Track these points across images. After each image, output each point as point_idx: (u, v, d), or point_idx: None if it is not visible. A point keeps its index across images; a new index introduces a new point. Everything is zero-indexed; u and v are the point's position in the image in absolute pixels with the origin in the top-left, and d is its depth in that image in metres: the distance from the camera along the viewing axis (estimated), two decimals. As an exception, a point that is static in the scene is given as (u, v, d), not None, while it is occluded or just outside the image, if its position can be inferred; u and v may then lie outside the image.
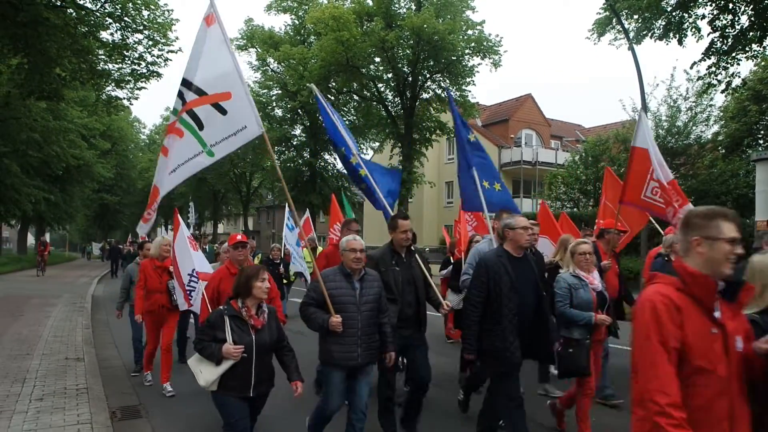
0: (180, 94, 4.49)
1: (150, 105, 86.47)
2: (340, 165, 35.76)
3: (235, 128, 4.46)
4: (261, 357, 3.74)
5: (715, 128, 22.78)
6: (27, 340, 8.86)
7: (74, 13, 15.52)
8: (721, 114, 22.65)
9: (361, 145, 33.14)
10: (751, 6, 13.84)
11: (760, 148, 19.68)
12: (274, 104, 31.94)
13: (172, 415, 5.62)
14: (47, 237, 35.60)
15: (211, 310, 4.54)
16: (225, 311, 3.70)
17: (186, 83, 4.42)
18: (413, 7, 23.70)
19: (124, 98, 19.61)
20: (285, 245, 12.36)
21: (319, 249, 10.87)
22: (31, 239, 43.76)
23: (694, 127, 22.12)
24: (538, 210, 9.73)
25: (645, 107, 14.81)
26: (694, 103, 21.90)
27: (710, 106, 22.03)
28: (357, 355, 4.10)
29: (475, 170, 6.06)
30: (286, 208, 13.54)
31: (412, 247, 5.02)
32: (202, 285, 5.61)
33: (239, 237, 5.32)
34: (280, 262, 11.35)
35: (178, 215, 6.71)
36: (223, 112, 4.43)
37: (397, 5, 24.00)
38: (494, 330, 4.18)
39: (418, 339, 4.84)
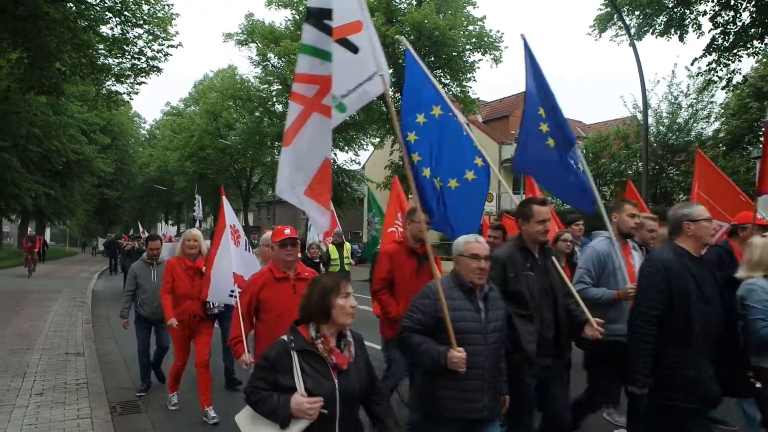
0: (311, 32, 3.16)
1: (150, 100, 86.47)
2: (340, 160, 35.82)
3: (368, 72, 3.28)
4: (347, 410, 2.51)
5: (716, 125, 22.76)
6: (27, 335, 8.87)
7: (74, 7, 15.48)
8: (722, 111, 22.62)
9: (362, 141, 33.16)
10: (753, 2, 13.81)
11: (760, 146, 19.64)
12: (275, 99, 31.89)
13: (171, 410, 5.63)
14: (47, 232, 35.70)
15: (244, 329, 3.89)
16: (291, 344, 2.45)
17: (314, 14, 3.10)
18: (414, 3, 23.64)
19: (124, 93, 19.55)
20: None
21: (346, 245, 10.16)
22: (31, 232, 43.73)
23: (695, 124, 22.10)
24: None
25: (646, 104, 14.79)
26: (695, 100, 21.88)
27: (711, 102, 22.02)
28: (482, 406, 3.01)
29: (574, 156, 4.41)
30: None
31: (547, 245, 3.81)
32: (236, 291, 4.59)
33: (287, 231, 3.94)
34: (320, 262, 9.86)
35: (225, 198, 5.49)
36: (354, 50, 3.22)
37: (397, 0, 23.94)
38: (681, 355, 3.20)
39: (557, 370, 3.70)
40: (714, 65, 14.97)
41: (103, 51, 17.50)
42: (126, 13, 16.68)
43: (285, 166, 3.15)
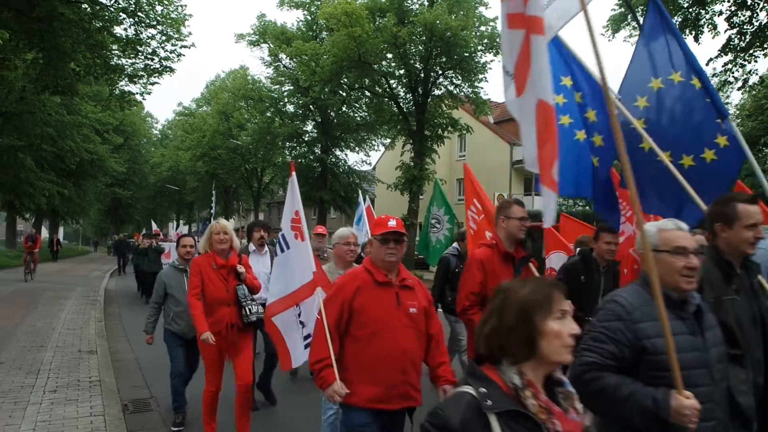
0: None
1: (162, 100, 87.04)
2: (351, 161, 35.83)
3: None
4: None
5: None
6: (41, 333, 8.95)
7: (89, 9, 15.62)
8: (738, 112, 22.34)
9: (373, 142, 33.15)
10: (770, 2, 13.64)
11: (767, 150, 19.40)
12: (286, 100, 32.02)
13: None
14: (60, 231, 36.06)
15: (332, 348, 2.87)
16: (486, 400, 1.45)
17: None
18: (426, 3, 23.60)
19: (137, 93, 19.70)
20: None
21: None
22: (44, 233, 44.23)
23: (709, 125, 21.82)
24: None
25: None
26: (710, 101, 21.62)
27: (727, 104, 21.75)
28: None
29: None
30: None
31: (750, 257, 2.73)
32: (315, 300, 3.54)
33: (392, 222, 3.02)
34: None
35: (294, 177, 4.18)
36: None
37: (409, 1, 23.92)
38: None
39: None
40: (730, 66, 14.80)
41: (116, 51, 17.65)
42: (140, 14, 16.81)
43: (530, 130, 2.37)
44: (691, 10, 14.95)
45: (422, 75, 24.01)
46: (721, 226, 2.67)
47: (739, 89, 15.97)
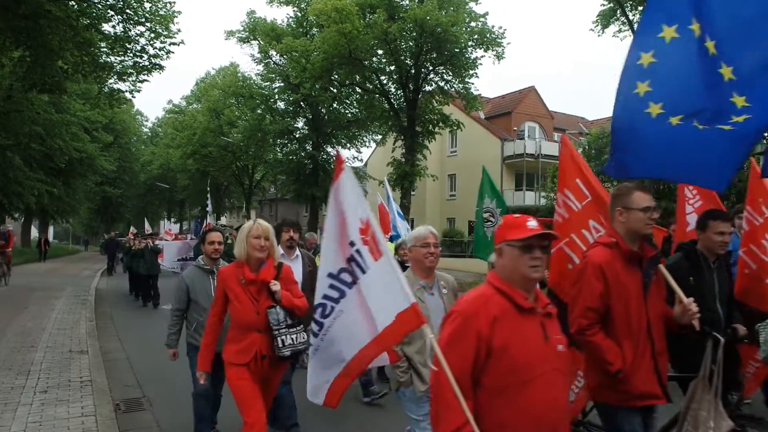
0: None
1: (152, 98, 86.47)
2: (343, 157, 35.92)
3: None
4: None
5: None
6: (31, 333, 8.90)
7: (76, 6, 15.48)
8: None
9: (364, 138, 33.13)
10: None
11: (765, 141, 19.59)
12: (277, 97, 31.91)
13: (175, 407, 5.63)
14: (50, 230, 35.82)
15: (466, 406, 2.02)
16: None
17: None
18: (416, -1, 23.59)
19: (127, 91, 19.56)
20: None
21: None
22: (34, 232, 43.90)
23: (698, 120, 22.02)
24: None
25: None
26: (698, 96, 21.80)
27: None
28: None
29: None
30: (387, 187, 10.98)
31: None
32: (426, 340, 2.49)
33: (531, 224, 2.19)
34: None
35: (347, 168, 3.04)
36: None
37: (399, -3, 23.87)
38: None
39: None
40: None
41: (105, 49, 17.51)
42: (128, 11, 16.68)
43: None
44: None
45: (413, 71, 23.99)
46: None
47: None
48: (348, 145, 33.31)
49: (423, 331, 2.47)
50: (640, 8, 15.61)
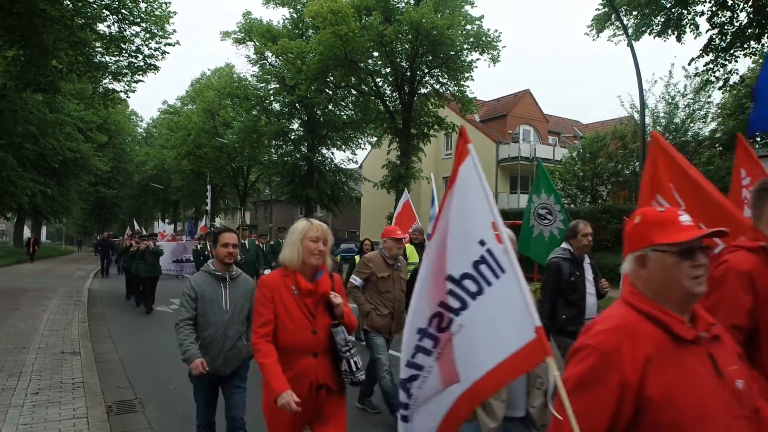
0: None
1: (147, 98, 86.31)
2: (338, 159, 35.84)
3: None
4: None
5: (713, 125, 22.83)
6: (23, 334, 8.84)
7: (71, 5, 15.41)
8: (719, 111, 22.68)
9: (359, 140, 33.15)
10: (750, 3, 13.84)
11: (756, 146, 19.73)
12: (272, 98, 31.86)
13: (167, 409, 5.62)
14: (43, 230, 35.57)
15: None
16: None
17: None
18: (412, 2, 23.61)
19: (121, 91, 19.48)
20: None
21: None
22: (27, 232, 43.64)
23: (691, 124, 22.15)
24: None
25: (643, 104, 14.81)
26: (692, 100, 21.94)
27: (708, 103, 22.07)
28: None
29: None
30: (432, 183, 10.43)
31: None
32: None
33: (685, 218, 1.68)
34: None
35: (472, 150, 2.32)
36: None
37: (395, -1, 23.92)
38: None
39: None
40: (711, 65, 15.00)
41: (100, 49, 17.45)
42: (123, 11, 16.63)
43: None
44: (673, 10, 15.12)
45: (408, 73, 24.03)
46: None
47: (720, 89, 16.18)
48: (343, 147, 33.31)
49: (548, 365, 1.81)
50: (635, 13, 15.69)
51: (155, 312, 12.49)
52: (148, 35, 17.59)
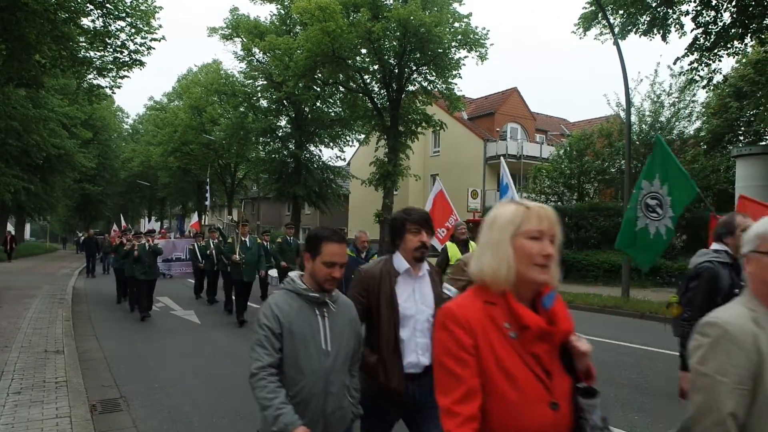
0: None
1: (133, 94, 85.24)
2: (326, 157, 35.73)
3: None
4: None
5: (698, 124, 23.12)
6: (5, 333, 8.72)
7: (54, -1, 15.20)
8: (703, 110, 22.96)
9: (347, 137, 33.10)
10: (734, 3, 14.01)
11: (740, 144, 20.00)
12: (260, 95, 31.71)
13: (152, 407, 5.57)
14: (27, 228, 35.07)
15: None
16: None
17: None
18: (400, -1, 23.60)
19: (107, 87, 19.25)
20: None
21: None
22: (12, 230, 43.07)
23: (677, 123, 22.41)
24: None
25: (629, 102, 14.94)
26: (677, 99, 22.18)
27: (693, 102, 22.34)
28: None
29: None
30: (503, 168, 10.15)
31: None
32: None
33: None
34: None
35: None
36: None
37: (383, -4, 23.87)
38: None
39: None
40: (696, 65, 15.18)
41: (84, 44, 17.21)
42: (108, 5, 16.41)
43: None
44: (659, 9, 15.26)
45: (396, 71, 24.01)
46: None
47: (704, 87, 16.38)
48: (331, 144, 33.25)
49: None
50: (621, 12, 15.82)
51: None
52: (133, 30, 17.38)
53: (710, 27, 14.65)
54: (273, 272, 13.79)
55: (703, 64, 15.08)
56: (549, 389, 1.56)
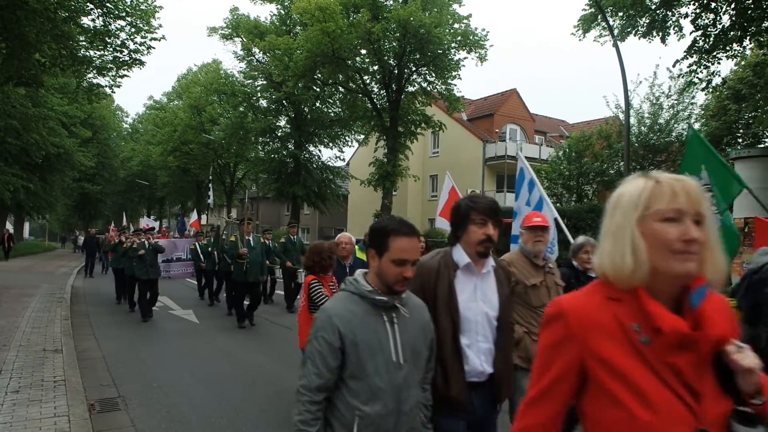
0: None
1: (133, 94, 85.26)
2: (325, 157, 35.69)
3: None
4: None
5: (697, 126, 23.14)
6: (4, 331, 8.72)
7: (54, -2, 15.21)
8: (702, 112, 23.01)
9: (346, 138, 33.12)
10: (733, 6, 14.04)
11: (738, 147, 20.03)
12: (259, 95, 31.73)
13: (151, 406, 5.59)
14: (26, 227, 34.99)
15: None
16: None
17: None
18: (400, 0, 23.62)
19: (106, 86, 19.24)
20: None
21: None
22: (10, 228, 43.02)
23: (675, 125, 22.45)
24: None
25: (628, 104, 14.97)
26: (676, 101, 22.22)
27: (692, 104, 22.39)
28: None
29: None
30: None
31: None
32: None
33: None
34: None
35: None
36: None
37: (383, -3, 23.90)
38: None
39: None
40: (695, 67, 15.21)
41: (84, 43, 17.21)
42: (108, 4, 16.41)
43: None
44: (658, 12, 15.29)
45: (396, 71, 24.03)
46: None
47: (702, 90, 16.41)
48: (330, 144, 33.27)
49: None
50: (620, 14, 15.84)
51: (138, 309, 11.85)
52: (133, 30, 17.39)
53: (709, 29, 14.67)
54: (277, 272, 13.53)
55: (702, 67, 15.11)
56: (694, 412, 1.22)
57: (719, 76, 15.67)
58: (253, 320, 10.47)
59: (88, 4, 16.24)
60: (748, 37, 14.25)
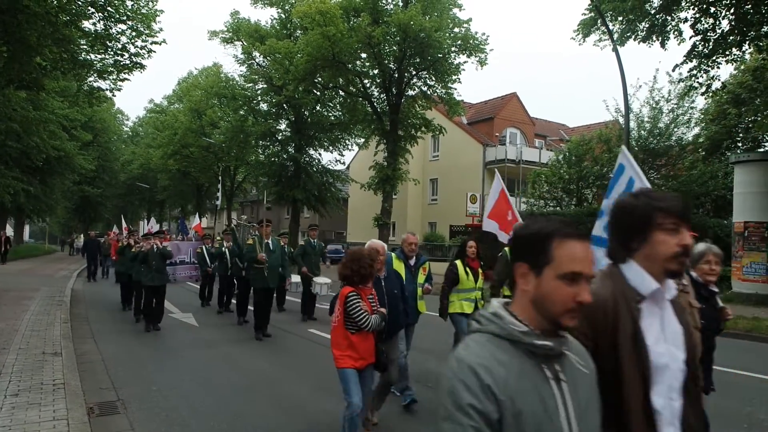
0: None
1: (134, 97, 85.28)
2: (325, 160, 35.74)
3: None
4: None
5: (696, 130, 23.20)
6: (3, 334, 8.71)
7: (55, 1, 15.23)
8: (702, 116, 23.03)
9: (346, 141, 33.17)
10: (732, 11, 14.07)
11: (738, 151, 20.04)
12: (260, 98, 31.79)
13: (150, 410, 5.58)
14: (26, 230, 34.94)
15: None
16: None
17: None
18: (400, 4, 23.67)
19: (107, 89, 19.27)
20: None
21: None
22: (10, 231, 43.02)
23: (675, 129, 22.48)
24: None
25: (628, 108, 14.99)
26: (675, 105, 22.25)
27: (691, 108, 22.42)
28: None
29: None
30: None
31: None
32: None
33: None
34: None
35: None
36: None
37: (384, 1, 23.95)
38: None
39: None
40: (694, 71, 15.23)
41: (85, 46, 17.25)
42: (109, 8, 16.45)
43: None
44: (657, 16, 15.32)
45: (396, 75, 24.08)
46: None
47: (702, 94, 16.43)
48: (330, 147, 33.31)
49: None
50: (620, 18, 15.88)
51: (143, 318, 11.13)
52: (134, 33, 17.41)
53: (709, 34, 14.71)
54: (296, 278, 12.33)
55: (701, 71, 15.14)
56: None
57: (719, 80, 15.70)
58: (267, 332, 9.72)
59: (90, 8, 16.28)
60: (747, 42, 14.27)
